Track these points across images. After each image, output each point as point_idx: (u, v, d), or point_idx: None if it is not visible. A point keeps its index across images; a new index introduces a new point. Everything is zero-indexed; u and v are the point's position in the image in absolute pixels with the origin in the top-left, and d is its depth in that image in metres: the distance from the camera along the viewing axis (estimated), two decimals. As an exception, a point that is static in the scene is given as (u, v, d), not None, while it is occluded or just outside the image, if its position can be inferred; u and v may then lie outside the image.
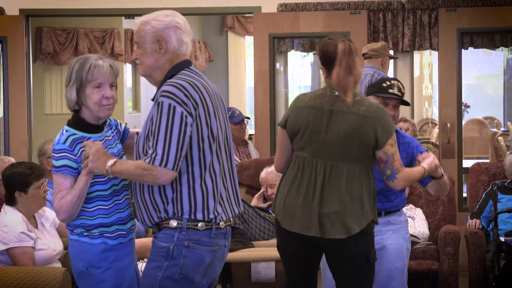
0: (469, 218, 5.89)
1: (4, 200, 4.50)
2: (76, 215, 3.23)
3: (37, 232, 4.41)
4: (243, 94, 13.74)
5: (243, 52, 13.80)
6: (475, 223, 5.76)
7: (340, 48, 3.52)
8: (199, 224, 3.13)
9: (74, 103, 3.26)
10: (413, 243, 5.62)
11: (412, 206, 6.02)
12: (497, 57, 13.61)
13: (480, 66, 15.06)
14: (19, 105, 7.17)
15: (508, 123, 11.34)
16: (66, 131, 3.28)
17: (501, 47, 7.36)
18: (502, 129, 11.40)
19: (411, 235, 5.65)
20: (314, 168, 3.54)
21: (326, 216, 3.49)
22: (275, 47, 7.19)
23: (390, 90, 4.02)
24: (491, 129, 11.26)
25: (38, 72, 9.64)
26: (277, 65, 7.32)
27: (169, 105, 3.05)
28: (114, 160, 3.17)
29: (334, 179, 3.51)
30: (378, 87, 3.97)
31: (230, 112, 6.93)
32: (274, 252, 4.41)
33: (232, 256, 5.26)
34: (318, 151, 3.54)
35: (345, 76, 3.51)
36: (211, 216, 3.14)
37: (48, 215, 4.57)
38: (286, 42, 7.37)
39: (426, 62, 12.15)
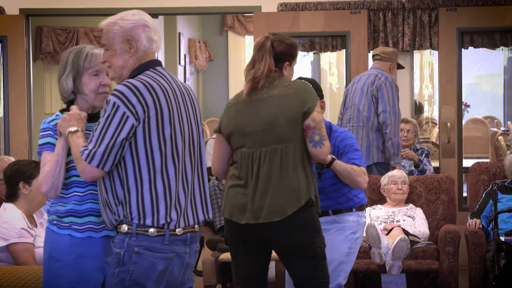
0: (469, 218, 5.88)
1: (4, 199, 4.50)
2: (59, 187, 3.14)
3: (36, 230, 4.40)
4: (243, 94, 13.72)
5: (243, 51, 13.79)
6: (475, 223, 5.75)
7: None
8: (150, 230, 3.02)
9: (70, 92, 3.22)
10: (413, 242, 5.61)
11: (412, 205, 6.01)
12: (497, 56, 13.59)
13: (480, 66, 15.03)
14: (19, 105, 7.17)
15: (508, 122, 11.35)
16: (57, 115, 3.25)
17: (501, 47, 7.36)
18: (502, 128, 11.41)
19: (411, 235, 5.64)
20: (251, 158, 3.64)
21: (261, 202, 3.58)
22: (275, 46, 7.17)
23: None
24: (491, 129, 11.26)
25: (38, 72, 9.63)
26: (277, 65, 7.30)
27: (114, 103, 2.99)
28: (78, 129, 3.10)
29: (268, 164, 3.61)
30: None
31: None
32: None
33: (232, 255, 5.25)
34: (253, 142, 3.65)
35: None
36: (162, 221, 3.02)
37: (47, 215, 4.56)
38: (286, 42, 7.36)
39: (426, 61, 12.14)
